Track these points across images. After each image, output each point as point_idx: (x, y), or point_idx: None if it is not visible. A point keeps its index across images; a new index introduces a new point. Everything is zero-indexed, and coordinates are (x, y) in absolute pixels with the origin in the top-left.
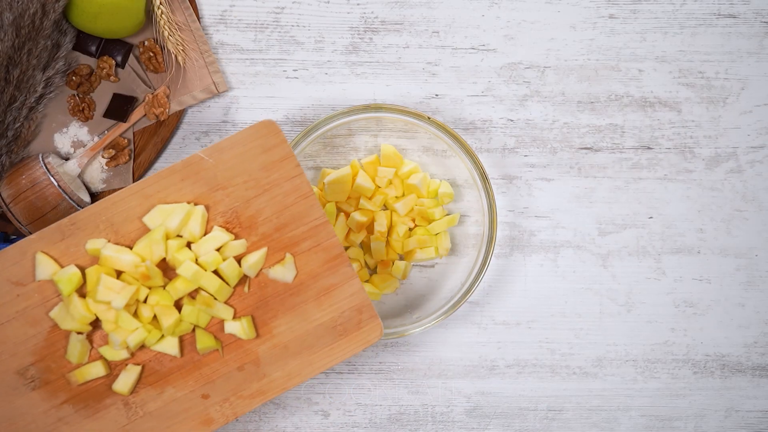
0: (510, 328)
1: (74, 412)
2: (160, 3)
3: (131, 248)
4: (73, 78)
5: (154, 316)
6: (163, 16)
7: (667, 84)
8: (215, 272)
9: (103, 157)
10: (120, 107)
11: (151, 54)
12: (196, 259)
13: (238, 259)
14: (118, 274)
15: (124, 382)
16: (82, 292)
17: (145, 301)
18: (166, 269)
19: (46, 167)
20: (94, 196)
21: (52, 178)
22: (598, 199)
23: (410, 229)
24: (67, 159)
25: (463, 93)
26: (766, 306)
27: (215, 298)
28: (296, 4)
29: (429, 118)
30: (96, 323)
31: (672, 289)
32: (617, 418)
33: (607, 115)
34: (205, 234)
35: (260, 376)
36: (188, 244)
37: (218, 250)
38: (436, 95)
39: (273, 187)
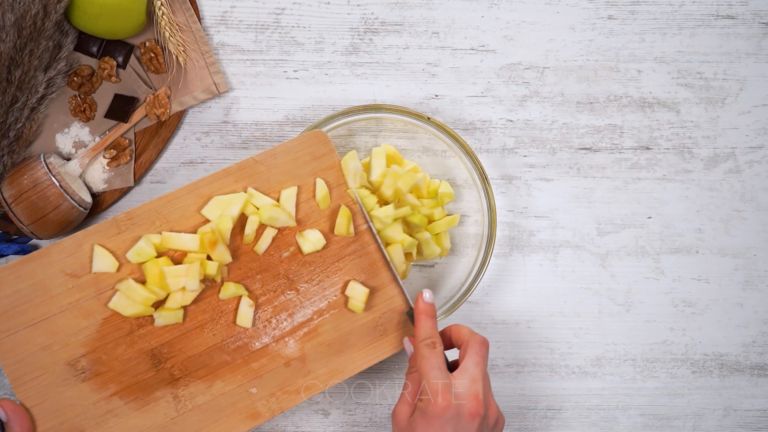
0: (509, 328)
1: (123, 404)
2: (161, 4)
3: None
4: (75, 78)
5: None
6: (164, 17)
7: (666, 84)
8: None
9: (104, 157)
10: (121, 108)
11: (152, 55)
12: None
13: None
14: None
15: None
16: (139, 279)
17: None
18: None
19: (48, 167)
20: (96, 197)
21: (53, 179)
22: (597, 199)
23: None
24: (68, 159)
25: (463, 93)
26: (764, 305)
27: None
28: (297, 5)
29: (429, 118)
30: (159, 304)
31: (671, 288)
32: (616, 417)
33: (606, 115)
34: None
35: (305, 372)
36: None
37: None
38: (436, 96)
39: None
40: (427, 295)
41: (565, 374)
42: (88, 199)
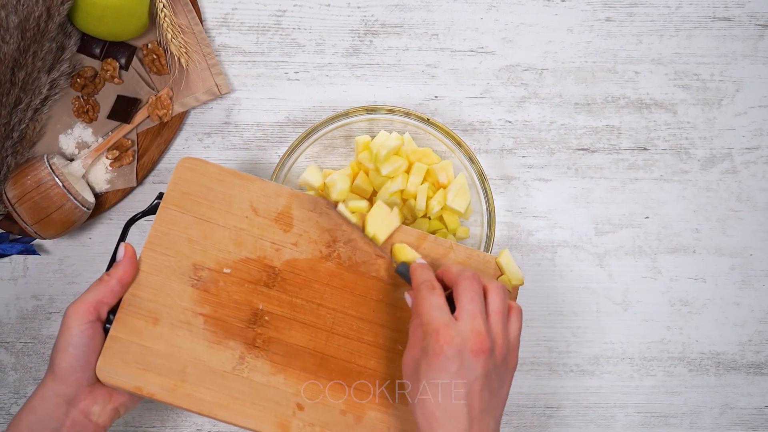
0: None
1: (202, 328)
2: (164, 6)
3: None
4: (78, 80)
5: None
6: (166, 19)
7: (663, 86)
8: None
9: (107, 158)
10: (124, 109)
11: (155, 56)
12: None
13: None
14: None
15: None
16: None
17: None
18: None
19: (51, 168)
20: (98, 197)
21: (56, 179)
22: (595, 199)
23: None
24: (71, 160)
25: (462, 95)
26: (760, 305)
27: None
28: (297, 7)
29: (428, 119)
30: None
31: (668, 288)
32: (614, 415)
33: (604, 116)
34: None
35: (352, 429)
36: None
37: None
38: (436, 97)
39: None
40: (420, 259)
41: (563, 373)
42: (91, 199)
